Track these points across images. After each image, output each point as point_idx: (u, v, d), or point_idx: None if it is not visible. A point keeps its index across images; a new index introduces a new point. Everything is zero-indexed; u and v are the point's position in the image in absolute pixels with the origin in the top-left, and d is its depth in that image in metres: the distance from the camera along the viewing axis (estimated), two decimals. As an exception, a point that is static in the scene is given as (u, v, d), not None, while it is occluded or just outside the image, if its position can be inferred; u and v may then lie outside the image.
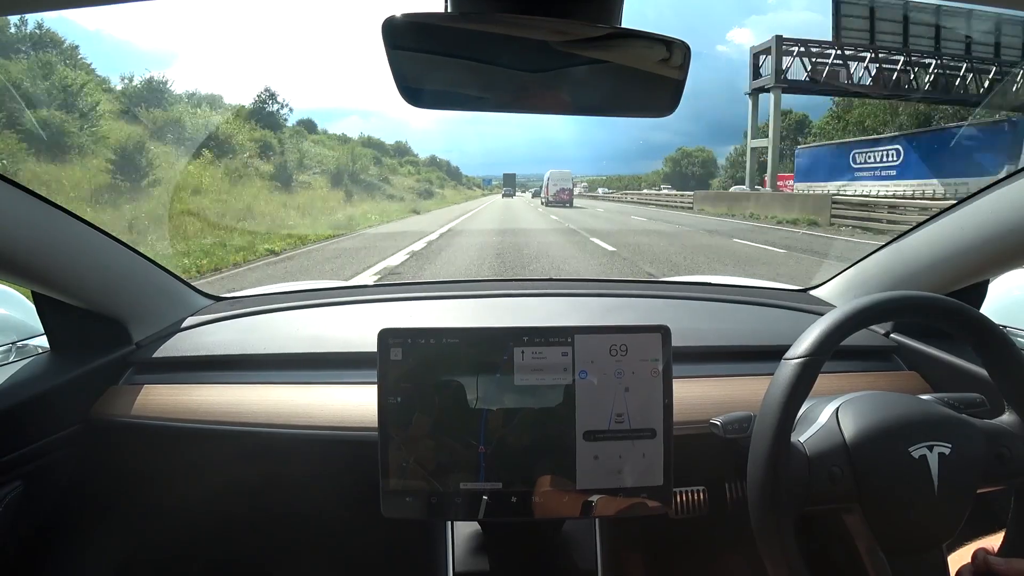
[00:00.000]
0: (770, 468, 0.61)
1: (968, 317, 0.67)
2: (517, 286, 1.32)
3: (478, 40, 0.56)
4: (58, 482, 0.88)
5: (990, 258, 0.89)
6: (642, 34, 0.56)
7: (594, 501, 0.71)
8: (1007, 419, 0.68)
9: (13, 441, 0.79)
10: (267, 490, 1.01)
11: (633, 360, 0.72)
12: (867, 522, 0.62)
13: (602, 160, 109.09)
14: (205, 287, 1.23)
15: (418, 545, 0.90)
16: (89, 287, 0.90)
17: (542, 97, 0.63)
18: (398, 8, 0.53)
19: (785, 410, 0.62)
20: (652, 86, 0.61)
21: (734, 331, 1.06)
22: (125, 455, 0.95)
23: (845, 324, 0.65)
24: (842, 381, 0.89)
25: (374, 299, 1.20)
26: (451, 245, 9.24)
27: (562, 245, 9.51)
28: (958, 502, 0.63)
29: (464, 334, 0.72)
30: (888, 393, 0.70)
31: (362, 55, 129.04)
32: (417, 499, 0.71)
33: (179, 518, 1.05)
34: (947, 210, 0.94)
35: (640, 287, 1.42)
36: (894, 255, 1.06)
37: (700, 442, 0.76)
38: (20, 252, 0.77)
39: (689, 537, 1.01)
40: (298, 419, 0.87)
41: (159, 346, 1.01)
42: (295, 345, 1.01)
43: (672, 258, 7.94)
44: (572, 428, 0.71)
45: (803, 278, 3.36)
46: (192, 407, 0.90)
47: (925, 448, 0.62)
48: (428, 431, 0.71)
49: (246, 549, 1.10)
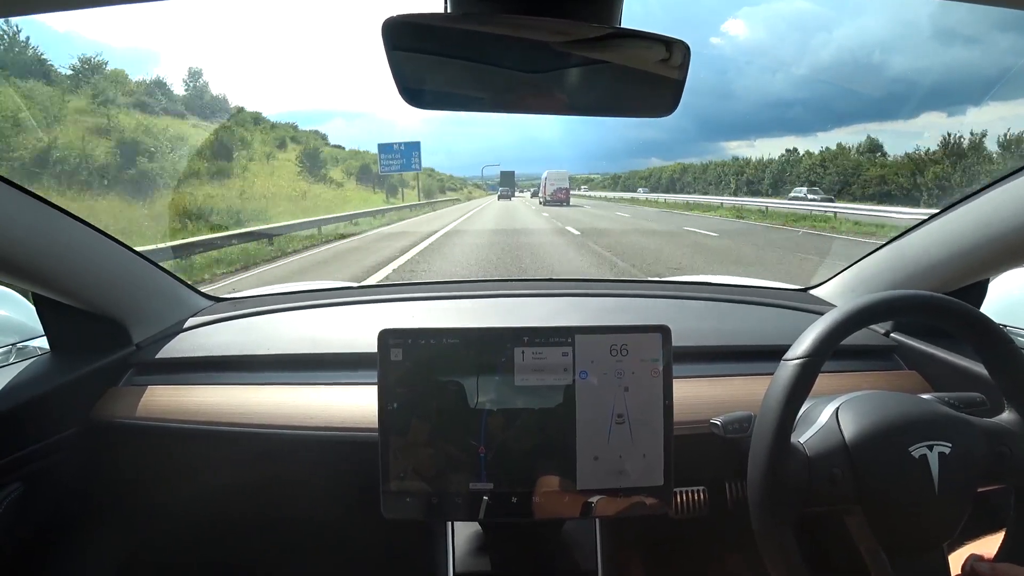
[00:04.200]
0: (770, 469, 0.61)
1: (968, 316, 0.67)
2: (517, 286, 1.32)
3: (478, 41, 0.56)
4: (58, 483, 0.88)
5: (990, 257, 0.89)
6: (642, 34, 0.56)
7: (594, 501, 0.71)
8: (1007, 418, 0.68)
9: (13, 442, 0.79)
10: (267, 491, 1.01)
11: (633, 360, 0.72)
12: (867, 522, 0.62)
13: (591, 159, 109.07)
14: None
15: (419, 545, 0.90)
16: (89, 288, 0.90)
17: (542, 97, 0.63)
18: (397, 8, 0.53)
19: (785, 411, 0.62)
20: (652, 86, 0.61)
21: (734, 331, 1.06)
22: (125, 456, 0.95)
23: (845, 324, 0.65)
24: (842, 381, 0.89)
25: (374, 299, 1.20)
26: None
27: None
28: (958, 501, 0.63)
29: (464, 334, 0.72)
30: (888, 393, 0.70)
31: (349, 57, 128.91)
32: (417, 500, 0.71)
33: (179, 519, 1.05)
34: (947, 209, 0.94)
35: (640, 287, 1.42)
36: (894, 254, 1.06)
37: (700, 442, 0.76)
38: (20, 253, 0.77)
39: (689, 537, 1.01)
40: (298, 420, 0.87)
41: (159, 347, 1.01)
42: (295, 346, 1.01)
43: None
44: (572, 428, 0.71)
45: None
46: (192, 408, 0.90)
47: (925, 448, 0.62)
48: (428, 432, 0.71)
49: (246, 550, 1.10)
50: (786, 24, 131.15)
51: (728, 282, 1.47)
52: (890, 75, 52.30)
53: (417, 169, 22.15)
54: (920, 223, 1.01)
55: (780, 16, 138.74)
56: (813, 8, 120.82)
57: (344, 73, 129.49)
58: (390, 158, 20.63)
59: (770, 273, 6.55)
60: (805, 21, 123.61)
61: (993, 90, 31.39)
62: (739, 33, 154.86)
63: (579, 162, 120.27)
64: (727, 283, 1.44)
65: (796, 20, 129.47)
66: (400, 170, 21.71)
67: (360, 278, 5.83)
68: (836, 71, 77.53)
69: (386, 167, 21.08)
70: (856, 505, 0.63)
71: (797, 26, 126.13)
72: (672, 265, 6.98)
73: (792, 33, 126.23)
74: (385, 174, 22.79)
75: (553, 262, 7.11)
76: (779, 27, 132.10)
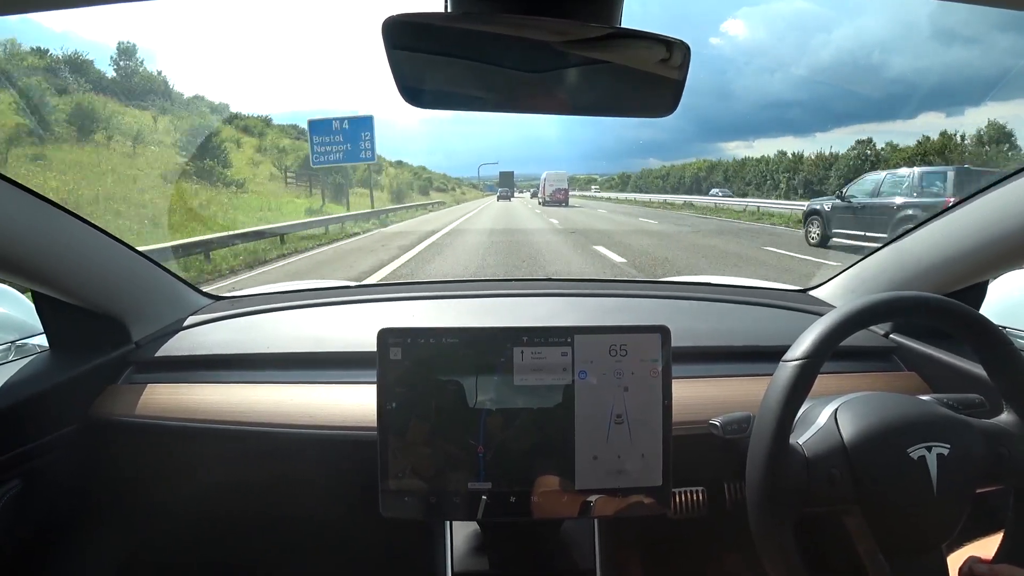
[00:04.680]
0: (769, 470, 0.61)
1: (967, 317, 0.67)
2: (517, 286, 1.32)
3: (478, 40, 0.56)
4: (57, 481, 0.88)
5: (989, 258, 0.89)
6: (642, 34, 0.56)
7: (593, 501, 0.71)
8: (1006, 419, 0.68)
9: (12, 440, 0.79)
10: (266, 489, 1.01)
11: (633, 360, 0.72)
12: (866, 523, 0.62)
13: (590, 159, 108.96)
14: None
15: (417, 545, 0.90)
16: (89, 286, 0.90)
17: (542, 97, 0.63)
18: (398, 8, 0.53)
19: (784, 412, 0.62)
20: (652, 86, 0.61)
21: (734, 331, 1.06)
22: (124, 454, 0.95)
23: (844, 325, 0.65)
24: (841, 381, 0.89)
25: (374, 299, 1.20)
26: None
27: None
28: (957, 503, 0.63)
29: (464, 334, 0.72)
30: (887, 394, 0.70)
31: (346, 56, 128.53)
32: (416, 499, 0.71)
33: (178, 517, 1.05)
34: (947, 210, 0.94)
35: (640, 287, 1.42)
36: (894, 255, 1.06)
37: (699, 442, 0.76)
38: (20, 251, 0.77)
39: (688, 537, 1.01)
40: (297, 418, 0.87)
41: (159, 345, 1.01)
42: (295, 345, 1.01)
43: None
44: (571, 428, 0.71)
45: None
46: (191, 406, 0.90)
47: (924, 449, 0.62)
48: (427, 431, 0.71)
49: (245, 548, 1.10)
50: (785, 24, 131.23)
51: (727, 283, 1.47)
52: (889, 76, 52.20)
53: (367, 159, 13.79)
54: (920, 224, 1.01)
55: (779, 16, 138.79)
56: (813, 8, 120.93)
57: (344, 72, 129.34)
58: (326, 143, 13.29)
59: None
60: (804, 21, 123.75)
61: (993, 91, 31.22)
62: (738, 33, 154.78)
63: (578, 162, 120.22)
64: (726, 283, 1.44)
65: (795, 20, 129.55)
66: (342, 160, 13.67)
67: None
68: (835, 71, 77.51)
69: (321, 157, 13.46)
70: (855, 506, 0.63)
71: (796, 26, 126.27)
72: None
73: (791, 33, 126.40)
74: (321, 167, 14.55)
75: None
76: (778, 27, 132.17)
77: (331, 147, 13.35)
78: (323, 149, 13.32)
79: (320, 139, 13.36)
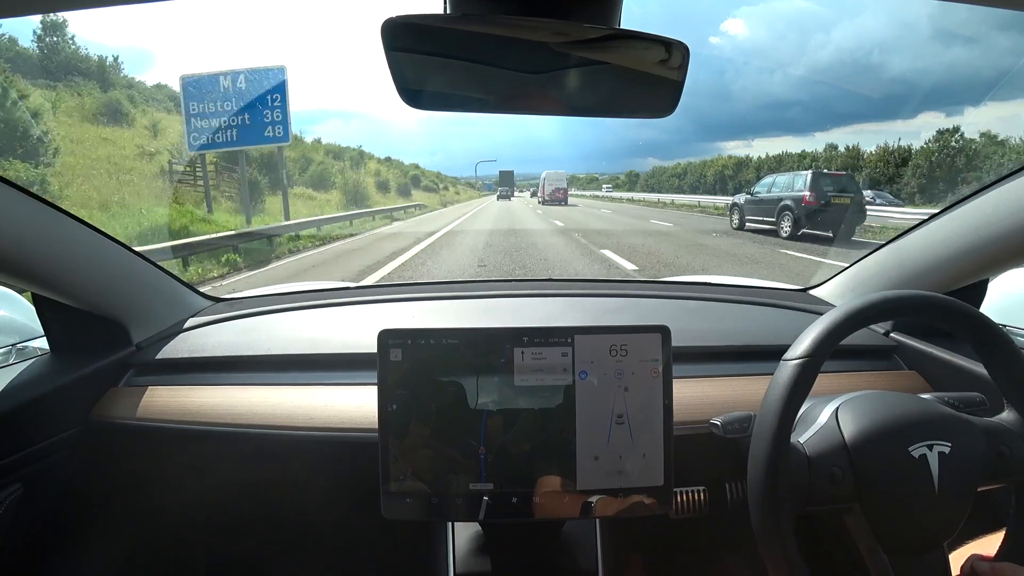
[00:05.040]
0: (770, 469, 0.61)
1: (967, 316, 0.67)
2: (517, 286, 1.32)
3: (477, 41, 0.56)
4: (58, 484, 0.88)
5: (990, 257, 0.89)
6: (641, 35, 0.56)
7: (594, 501, 0.71)
8: (1007, 417, 0.68)
9: (13, 443, 0.79)
10: (267, 491, 1.01)
11: (633, 360, 0.72)
12: (868, 522, 0.62)
13: (590, 159, 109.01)
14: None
15: (419, 546, 0.90)
16: (89, 289, 0.90)
17: (542, 98, 0.63)
18: (397, 9, 0.53)
19: (784, 411, 0.62)
20: (651, 87, 0.61)
21: (734, 331, 1.06)
22: (125, 457, 0.95)
23: (844, 324, 0.65)
24: (842, 380, 0.89)
25: (374, 300, 1.20)
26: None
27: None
28: (958, 501, 0.63)
29: (464, 335, 0.72)
30: (888, 392, 0.70)
31: (346, 57, 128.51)
32: (417, 500, 0.71)
33: (179, 520, 1.05)
34: (947, 209, 0.94)
35: (640, 287, 1.42)
36: (894, 254, 1.06)
37: (700, 442, 0.76)
38: (20, 254, 0.77)
39: (689, 537, 1.01)
40: (298, 420, 0.87)
41: (159, 348, 1.01)
42: (295, 346, 1.01)
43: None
44: (572, 429, 0.71)
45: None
46: (192, 408, 0.90)
47: (925, 447, 0.62)
48: (428, 433, 0.71)
49: (246, 551, 1.10)
50: (785, 23, 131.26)
51: (727, 282, 1.47)
52: (889, 75, 52.17)
53: (278, 139, 9.05)
54: (920, 223, 1.01)
55: (779, 15, 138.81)
56: (812, 7, 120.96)
57: (343, 73, 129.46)
58: (210, 114, 8.60)
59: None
60: (804, 20, 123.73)
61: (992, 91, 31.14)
62: (738, 33, 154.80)
63: (577, 162, 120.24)
64: (726, 283, 1.44)
65: (795, 20, 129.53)
66: (237, 143, 8.87)
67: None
68: (835, 71, 77.47)
69: (201, 137, 8.80)
70: (856, 505, 0.63)
71: (796, 26, 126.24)
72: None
73: (791, 33, 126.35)
74: (212, 152, 9.61)
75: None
76: (778, 26, 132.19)
77: (219, 119, 8.69)
78: (204, 124, 8.60)
79: (200, 107, 8.56)
